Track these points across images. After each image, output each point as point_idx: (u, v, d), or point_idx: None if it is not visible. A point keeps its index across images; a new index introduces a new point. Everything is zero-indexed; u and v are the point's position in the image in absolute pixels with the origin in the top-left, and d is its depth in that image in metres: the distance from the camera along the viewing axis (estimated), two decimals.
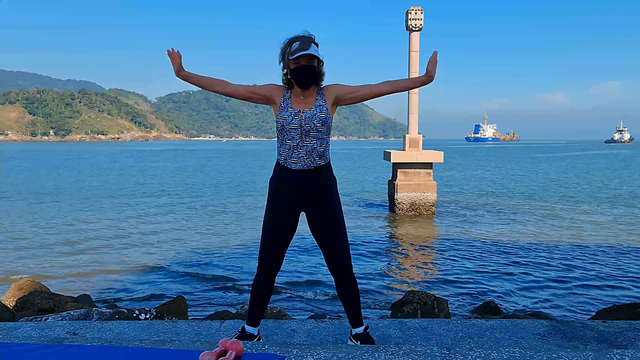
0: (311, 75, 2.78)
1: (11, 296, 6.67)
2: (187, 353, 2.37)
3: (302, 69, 2.75)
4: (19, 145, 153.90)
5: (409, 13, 17.89)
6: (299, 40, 2.75)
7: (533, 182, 32.64)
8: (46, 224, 15.92)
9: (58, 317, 4.23)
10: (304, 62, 2.74)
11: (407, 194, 17.79)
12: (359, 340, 2.99)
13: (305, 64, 2.74)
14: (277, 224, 2.91)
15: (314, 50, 2.74)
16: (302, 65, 2.74)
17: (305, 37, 2.78)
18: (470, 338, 3.22)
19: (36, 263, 10.89)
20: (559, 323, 3.53)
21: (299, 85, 2.81)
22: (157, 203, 21.44)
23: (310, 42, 2.75)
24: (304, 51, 2.70)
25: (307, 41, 2.75)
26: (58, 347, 2.46)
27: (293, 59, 2.73)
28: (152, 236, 14.03)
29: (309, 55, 2.73)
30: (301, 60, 2.74)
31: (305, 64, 2.74)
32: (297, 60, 2.74)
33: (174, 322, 3.59)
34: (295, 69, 2.76)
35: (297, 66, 2.75)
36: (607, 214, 18.26)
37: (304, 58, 2.74)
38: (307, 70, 2.75)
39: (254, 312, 3.01)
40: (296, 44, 2.74)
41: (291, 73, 2.79)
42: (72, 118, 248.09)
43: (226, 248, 12.48)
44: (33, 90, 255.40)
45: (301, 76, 2.77)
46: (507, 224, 15.99)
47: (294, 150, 2.82)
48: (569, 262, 10.81)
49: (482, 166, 52.28)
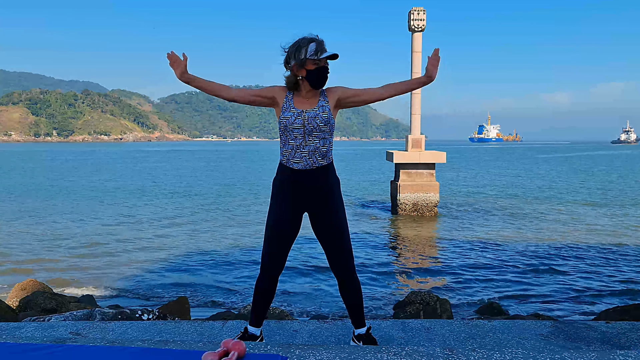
0: (327, 75, 2.83)
1: (14, 296, 6.69)
2: (189, 353, 2.37)
3: (322, 69, 2.79)
4: (22, 146, 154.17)
5: (412, 13, 17.88)
6: (314, 41, 2.77)
7: (536, 183, 32.58)
8: (49, 224, 15.96)
9: (61, 318, 4.24)
10: (324, 63, 2.79)
11: (409, 194, 17.77)
12: (361, 340, 2.99)
13: (324, 65, 2.79)
14: (280, 224, 2.91)
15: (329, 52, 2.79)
16: (322, 66, 2.78)
17: (318, 39, 2.80)
18: (473, 339, 3.22)
19: (39, 263, 10.92)
20: (562, 324, 3.52)
21: (315, 85, 2.82)
22: (161, 204, 21.47)
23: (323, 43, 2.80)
24: (328, 53, 2.75)
25: (322, 43, 2.78)
26: (61, 347, 2.46)
27: (315, 59, 2.75)
28: (154, 236, 14.05)
29: (333, 55, 2.78)
30: (322, 62, 2.78)
31: (324, 65, 2.79)
32: (318, 61, 2.76)
33: (177, 323, 3.59)
34: (315, 70, 2.77)
35: (318, 67, 2.77)
36: (612, 215, 18.21)
37: (324, 60, 2.78)
38: (326, 71, 2.81)
39: (256, 312, 3.01)
40: (313, 44, 2.75)
41: (308, 74, 2.78)
42: (75, 119, 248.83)
43: (229, 248, 12.50)
44: (36, 91, 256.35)
45: (321, 77, 2.80)
46: (510, 224, 15.96)
47: (297, 150, 2.82)
48: (572, 263, 10.78)
49: (485, 167, 52.21)
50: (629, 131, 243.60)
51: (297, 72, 2.80)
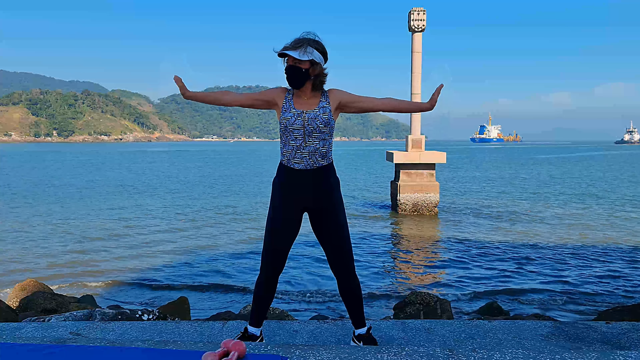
0: (296, 76, 2.77)
1: (14, 296, 6.69)
2: (189, 354, 2.37)
3: (287, 69, 2.78)
4: (23, 147, 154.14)
5: (412, 14, 17.89)
6: (295, 40, 2.77)
7: (536, 183, 32.57)
8: (50, 224, 15.96)
9: (61, 318, 4.23)
10: (290, 62, 2.77)
11: (409, 194, 17.78)
12: (361, 341, 2.99)
13: (292, 64, 2.76)
14: (280, 224, 2.92)
15: (300, 52, 2.72)
16: (288, 66, 2.78)
17: (304, 38, 2.78)
18: (473, 339, 3.21)
19: (39, 263, 10.92)
20: (563, 324, 3.52)
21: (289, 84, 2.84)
22: (163, 204, 21.47)
23: (304, 44, 2.74)
24: (286, 50, 2.73)
25: (300, 41, 2.75)
26: (61, 348, 2.46)
27: (279, 56, 2.77)
28: (155, 237, 14.05)
29: (280, 53, 2.76)
30: (288, 60, 2.78)
31: (291, 64, 2.76)
32: (285, 60, 2.79)
33: (177, 323, 3.59)
34: (285, 68, 2.79)
35: (286, 66, 2.79)
36: (612, 215, 18.20)
37: (290, 58, 2.76)
38: (291, 70, 2.76)
39: (256, 312, 3.01)
40: (288, 43, 2.76)
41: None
42: (75, 119, 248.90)
43: (229, 249, 12.50)
44: (36, 91, 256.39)
45: (287, 76, 2.80)
46: (510, 224, 15.96)
47: (297, 151, 2.83)
48: (573, 263, 10.78)
49: (485, 167, 52.20)
50: (632, 131, 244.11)
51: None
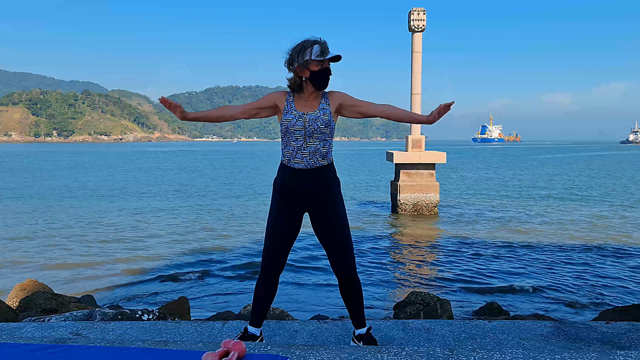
0: (330, 77, 2.86)
1: (14, 296, 6.69)
2: (189, 354, 2.37)
3: (325, 71, 2.82)
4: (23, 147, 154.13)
5: (412, 14, 17.89)
6: (318, 43, 2.80)
7: (536, 183, 32.57)
8: (50, 224, 15.96)
9: (61, 318, 4.23)
10: (327, 65, 2.83)
11: (409, 194, 17.78)
12: (361, 341, 2.99)
13: (327, 66, 2.83)
14: (281, 224, 2.93)
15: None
16: (325, 68, 2.82)
17: (321, 40, 2.83)
18: (473, 339, 3.21)
19: (39, 263, 10.92)
20: (563, 324, 3.52)
21: (318, 86, 2.85)
22: (163, 204, 21.47)
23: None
24: (331, 54, 2.79)
25: (326, 44, 2.82)
26: (61, 348, 2.46)
27: (319, 61, 2.78)
28: (155, 237, 14.04)
29: (336, 57, 2.82)
30: (325, 63, 2.82)
31: (327, 66, 2.83)
32: (322, 62, 2.81)
33: (177, 323, 3.59)
34: (319, 71, 2.81)
35: (322, 68, 2.81)
36: (613, 215, 18.20)
37: (326, 61, 2.82)
38: (329, 72, 2.85)
39: (256, 312, 3.02)
40: (317, 46, 2.78)
41: (311, 75, 2.81)
42: (75, 119, 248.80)
43: (229, 249, 12.49)
44: (36, 91, 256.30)
45: (324, 78, 2.84)
46: (509, 224, 15.95)
47: (298, 151, 2.86)
48: (573, 263, 10.78)
49: (486, 167, 52.21)
50: (637, 131, 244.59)
51: (300, 73, 2.82)
